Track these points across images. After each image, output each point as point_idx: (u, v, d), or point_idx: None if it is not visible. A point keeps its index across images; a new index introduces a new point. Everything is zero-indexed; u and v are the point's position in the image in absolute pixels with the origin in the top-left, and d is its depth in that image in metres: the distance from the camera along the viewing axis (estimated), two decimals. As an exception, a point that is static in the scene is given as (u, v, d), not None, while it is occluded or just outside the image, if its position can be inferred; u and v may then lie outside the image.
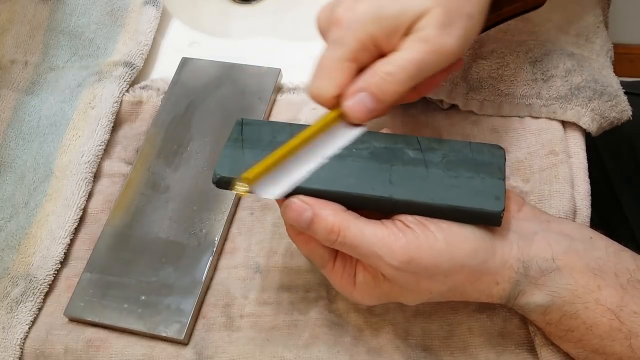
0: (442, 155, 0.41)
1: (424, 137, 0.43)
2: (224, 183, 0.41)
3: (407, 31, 0.41)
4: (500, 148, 0.42)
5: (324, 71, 0.42)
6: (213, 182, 0.41)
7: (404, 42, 0.40)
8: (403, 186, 0.40)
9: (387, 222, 0.39)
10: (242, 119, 0.44)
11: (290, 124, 0.44)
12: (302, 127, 0.43)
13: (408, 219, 0.39)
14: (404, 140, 0.42)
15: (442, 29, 0.40)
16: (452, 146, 0.42)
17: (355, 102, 0.41)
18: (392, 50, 0.41)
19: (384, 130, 0.44)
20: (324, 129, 0.42)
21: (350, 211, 0.40)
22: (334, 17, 0.42)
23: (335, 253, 0.42)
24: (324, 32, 0.44)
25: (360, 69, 0.42)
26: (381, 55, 0.41)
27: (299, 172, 0.40)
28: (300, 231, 0.41)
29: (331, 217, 0.39)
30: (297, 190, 0.40)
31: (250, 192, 0.39)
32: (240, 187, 0.39)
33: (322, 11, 0.44)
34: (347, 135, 0.42)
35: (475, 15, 0.41)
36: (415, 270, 0.39)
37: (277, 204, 0.43)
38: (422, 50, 0.40)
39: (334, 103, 0.42)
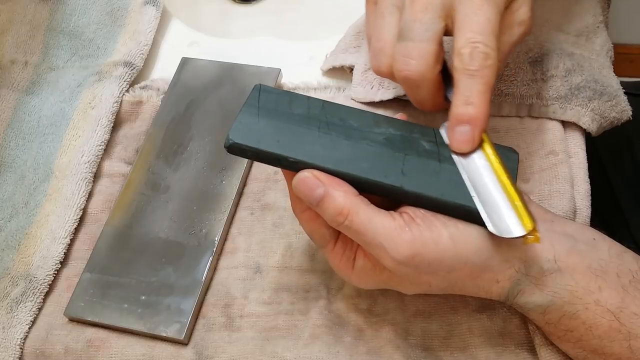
0: None
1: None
2: (235, 149, 0.40)
3: None
4: (515, 152, 0.42)
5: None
6: (225, 147, 0.40)
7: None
8: (415, 178, 0.40)
9: (395, 214, 0.39)
10: (260, 85, 0.43)
11: (309, 97, 0.43)
12: (319, 101, 0.43)
13: (416, 212, 0.39)
14: (420, 131, 0.42)
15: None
16: None
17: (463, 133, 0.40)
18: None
19: (399, 116, 0.44)
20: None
21: (361, 196, 0.40)
22: None
23: (337, 234, 0.42)
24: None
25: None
26: None
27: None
28: (305, 208, 0.41)
29: (342, 198, 0.39)
30: (310, 167, 0.40)
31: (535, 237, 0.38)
32: (531, 237, 0.38)
33: None
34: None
35: None
36: (418, 265, 0.39)
37: (285, 178, 0.42)
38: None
39: None
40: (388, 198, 0.41)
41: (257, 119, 0.41)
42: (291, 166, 0.40)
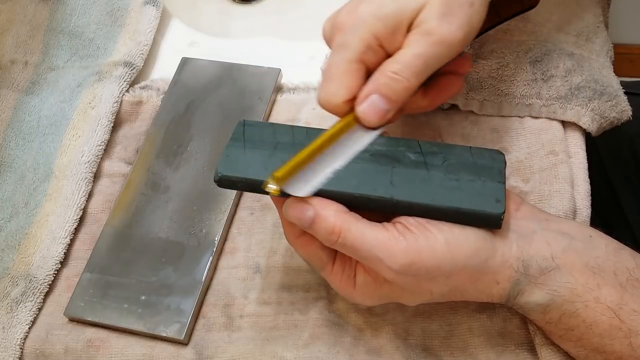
0: (443, 159, 0.42)
1: (425, 141, 0.43)
2: (225, 182, 0.41)
3: (410, 27, 0.41)
4: (500, 153, 0.42)
5: (331, 76, 0.42)
6: (215, 181, 0.41)
7: (407, 39, 0.40)
8: (404, 187, 0.40)
9: (388, 225, 0.39)
10: (244, 120, 0.44)
11: (292, 126, 0.44)
12: (303, 129, 0.43)
13: (409, 221, 0.39)
14: (405, 144, 0.42)
15: (443, 19, 0.40)
16: (453, 150, 0.42)
17: (368, 105, 0.41)
18: (398, 48, 0.41)
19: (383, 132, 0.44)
20: (341, 133, 0.42)
21: (352, 212, 0.40)
22: (337, 23, 0.42)
23: (334, 255, 0.42)
24: (329, 41, 0.44)
25: (369, 72, 0.42)
26: (388, 55, 0.41)
27: (323, 172, 0.40)
28: (298, 234, 0.42)
29: (332, 217, 0.39)
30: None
31: (281, 191, 0.39)
32: (272, 186, 0.39)
33: (326, 22, 0.44)
34: (364, 139, 0.42)
35: (476, 3, 0.41)
36: (416, 273, 0.39)
37: (275, 206, 0.43)
38: (425, 43, 0.40)
39: (345, 108, 0.42)
40: (380, 211, 0.41)
41: (244, 151, 0.42)
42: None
